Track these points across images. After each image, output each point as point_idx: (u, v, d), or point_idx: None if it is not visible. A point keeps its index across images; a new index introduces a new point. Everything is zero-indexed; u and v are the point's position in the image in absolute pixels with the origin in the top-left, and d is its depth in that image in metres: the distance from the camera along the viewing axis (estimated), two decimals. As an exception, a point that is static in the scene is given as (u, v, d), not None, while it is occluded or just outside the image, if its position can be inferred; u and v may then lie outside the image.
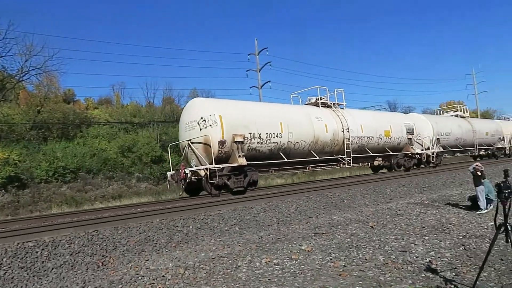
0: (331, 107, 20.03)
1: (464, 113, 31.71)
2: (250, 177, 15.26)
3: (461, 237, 7.27)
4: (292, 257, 6.57)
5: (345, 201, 12.83)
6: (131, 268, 6.77)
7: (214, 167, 13.89)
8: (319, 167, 19.47)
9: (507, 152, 34.14)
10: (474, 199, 10.50)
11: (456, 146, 27.72)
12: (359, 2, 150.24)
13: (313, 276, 5.52)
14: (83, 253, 7.45)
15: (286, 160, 16.45)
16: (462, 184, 16.47)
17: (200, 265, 6.49)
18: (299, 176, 31.54)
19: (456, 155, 29.80)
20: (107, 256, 7.46)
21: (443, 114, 32.58)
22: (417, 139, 23.90)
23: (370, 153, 20.82)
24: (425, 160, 24.15)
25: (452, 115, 31.35)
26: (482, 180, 10.40)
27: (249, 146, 15.17)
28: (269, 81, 36.34)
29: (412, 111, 64.26)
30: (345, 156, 19.27)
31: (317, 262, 6.19)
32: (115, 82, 71.34)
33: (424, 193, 14.55)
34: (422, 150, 23.93)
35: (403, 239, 7.37)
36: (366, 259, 6.14)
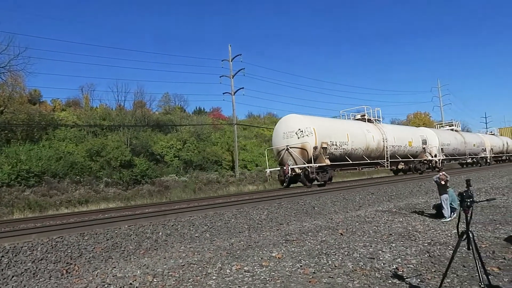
0: (373, 122, 26.00)
1: (457, 128, 38.47)
2: (330, 174, 20.45)
3: (426, 244, 7.49)
4: (263, 264, 6.57)
5: (315, 208, 12.97)
6: (97, 276, 6.56)
7: (311, 166, 18.84)
8: (366, 168, 25.32)
9: (488, 160, 40.61)
10: (438, 208, 10.85)
11: (453, 154, 33.93)
12: (333, 13, 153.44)
13: (283, 283, 5.54)
14: (46, 260, 7.17)
15: (349, 162, 21.83)
16: (427, 193, 17.01)
17: (169, 272, 6.38)
18: (271, 182, 31.69)
19: (451, 162, 35.63)
20: (71, 264, 7.20)
21: (438, 128, 38.71)
22: (428, 148, 29.50)
23: (398, 159, 26.25)
24: (434, 165, 29.89)
25: (448, 129, 37.51)
26: (447, 189, 10.78)
27: (329, 151, 20.21)
28: (242, 88, 36.33)
29: (382, 121, 65.88)
30: (385, 160, 24.63)
31: (287, 269, 6.22)
32: (84, 83, 69.50)
33: (392, 201, 14.92)
34: (432, 157, 29.74)
35: (371, 246, 7.51)
36: (335, 266, 6.22)
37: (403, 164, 27.39)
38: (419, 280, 5.35)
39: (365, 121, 25.64)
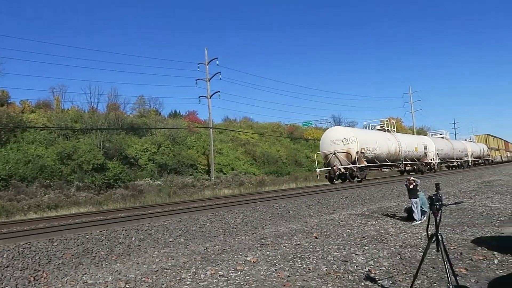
0: (390, 132, 32.43)
1: (447, 136, 46.49)
2: (365, 172, 26.28)
3: (397, 247, 7.66)
4: (238, 268, 6.54)
5: (290, 212, 13.05)
6: (66, 283, 6.37)
7: (355, 166, 24.95)
8: (386, 169, 32.49)
9: (470, 164, 48.36)
10: (409, 211, 11.12)
11: (444, 158, 40.89)
12: (307, 21, 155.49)
13: (258, 287, 5.53)
14: (13, 267, 6.91)
15: (377, 163, 28.07)
16: (399, 196, 17.41)
17: (142, 278, 6.26)
18: (246, 186, 31.66)
19: (442, 165, 43.09)
20: (39, 271, 6.96)
21: (430, 135, 45.36)
22: (428, 153, 35.75)
23: (408, 161, 32.90)
24: (432, 167, 36.39)
25: (439, 137, 44.18)
26: (417, 192, 11.07)
27: (365, 154, 25.79)
28: (219, 91, 36.21)
29: (355, 126, 67.47)
30: (401, 162, 31.29)
31: (262, 273, 6.22)
32: (55, 85, 67.50)
33: (365, 205, 15.19)
34: (430, 160, 36.09)
35: (344, 249, 7.62)
36: (310, 269, 6.26)
37: (410, 165, 33.79)
38: (390, 282, 5.46)
39: (385, 131, 32.03)
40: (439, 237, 4.20)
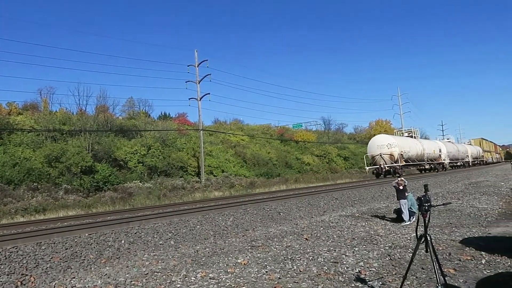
0: (416, 138, 42.21)
1: (452, 140, 58.59)
2: (402, 170, 33.63)
3: (387, 248, 7.72)
4: (228, 270, 6.53)
5: (281, 214, 13.07)
6: (54, 287, 6.28)
7: (398, 165, 33.06)
8: (413, 167, 40.81)
9: (470, 164, 58.66)
10: (399, 212, 11.21)
11: (452, 159, 49.77)
12: (298, 23, 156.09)
13: (249, 289, 5.52)
14: (-1, 272, 6.79)
15: (410, 163, 36.58)
16: (388, 198, 17.56)
17: (132, 281, 6.21)
18: (237, 188, 31.63)
19: (451, 164, 51.42)
20: (27, 275, 6.85)
21: (439, 139, 56.67)
22: (441, 155, 44.64)
23: (429, 161, 41.25)
24: (444, 166, 45.21)
25: (447, 141, 55.15)
26: (406, 194, 11.17)
27: (403, 156, 33.70)
28: (209, 93, 36.14)
29: (345, 128, 68.15)
30: (425, 162, 39.85)
31: (253, 275, 6.21)
32: (43, 86, 66.68)
33: (355, 206, 15.28)
34: (443, 161, 44.67)
35: (335, 250, 7.65)
36: (300, 271, 6.28)
37: (429, 165, 41.60)
38: (380, 283, 5.50)
39: (412, 137, 41.42)
40: (428, 237, 4.25)
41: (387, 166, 33.87)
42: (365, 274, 5.94)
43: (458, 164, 54.18)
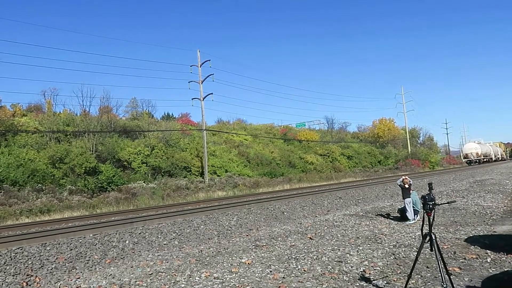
0: (481, 143, 74.99)
1: (482, 142, 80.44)
2: (481, 162, 69.64)
3: (391, 247, 7.70)
4: (232, 270, 6.53)
5: (285, 213, 13.06)
6: (59, 288, 6.30)
7: (480, 159, 70.21)
8: (484, 160, 73.33)
9: (494, 160, 78.55)
10: (403, 211, 11.16)
11: (488, 156, 74.98)
12: (301, 23, 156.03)
13: (253, 289, 5.52)
14: (5, 272, 6.83)
15: (482, 159, 72.02)
16: (392, 196, 17.49)
17: (136, 281, 6.22)
18: (240, 188, 31.66)
19: (488, 161, 74.52)
20: (32, 276, 6.89)
21: (482, 143, 78.34)
22: (492, 153, 76.60)
23: (487, 158, 74.56)
24: (494, 160, 75.93)
25: (487, 143, 79.25)
26: (410, 192, 11.11)
27: (481, 153, 71.74)
28: (212, 93, 36.11)
29: (348, 126, 68.19)
30: (487, 157, 74.29)
31: (257, 274, 6.21)
32: (47, 88, 66.87)
33: (359, 205, 15.24)
34: (494, 157, 77.27)
35: (339, 249, 7.63)
36: (305, 270, 6.27)
37: (487, 159, 70.63)
38: (385, 282, 5.48)
39: (478, 143, 70.83)
40: (433, 236, 4.23)
41: (475, 160, 66.37)
42: (369, 273, 5.92)
43: (488, 160, 76.92)
